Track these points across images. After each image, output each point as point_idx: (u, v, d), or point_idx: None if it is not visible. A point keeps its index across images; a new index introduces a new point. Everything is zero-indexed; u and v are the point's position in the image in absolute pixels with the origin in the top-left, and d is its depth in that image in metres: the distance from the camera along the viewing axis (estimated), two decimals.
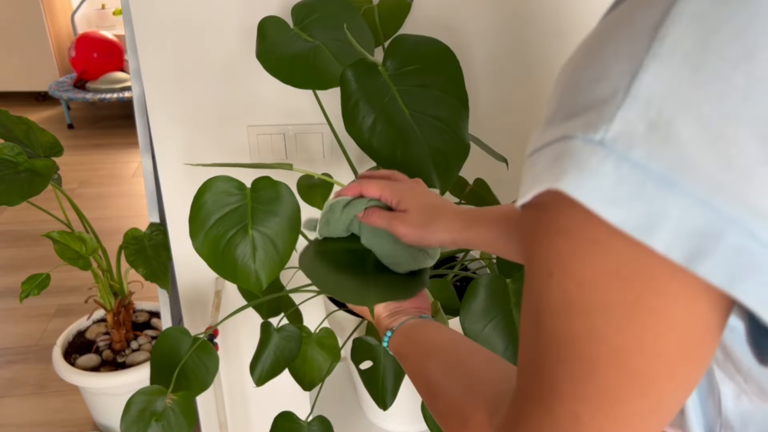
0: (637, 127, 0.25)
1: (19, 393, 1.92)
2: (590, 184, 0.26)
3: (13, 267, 2.53)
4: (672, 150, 0.25)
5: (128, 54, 1.16)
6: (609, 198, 0.26)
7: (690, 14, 0.26)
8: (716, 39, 0.25)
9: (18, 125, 1.31)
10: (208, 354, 0.92)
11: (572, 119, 0.27)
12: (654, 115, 0.25)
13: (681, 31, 0.26)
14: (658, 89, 0.25)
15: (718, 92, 0.25)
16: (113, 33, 3.87)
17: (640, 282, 0.27)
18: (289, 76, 0.84)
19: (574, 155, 0.27)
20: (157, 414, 0.85)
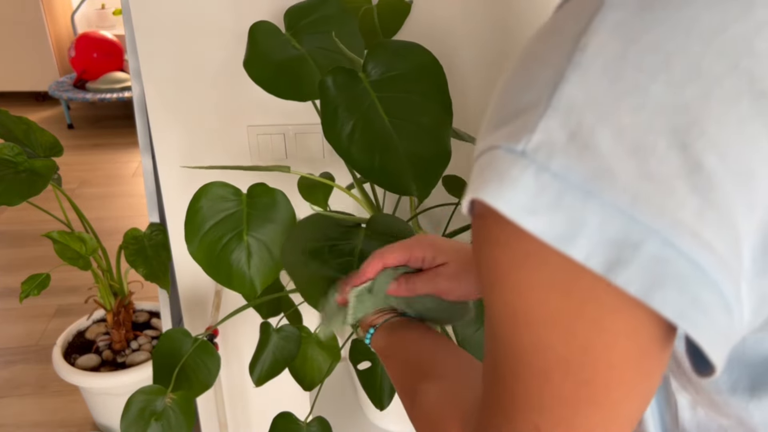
0: (558, 137, 0.25)
1: (19, 393, 1.92)
2: (510, 194, 0.26)
3: (13, 267, 2.53)
4: (591, 160, 0.25)
5: (128, 54, 1.16)
6: (529, 208, 0.26)
7: (611, 24, 0.26)
8: (635, 49, 0.25)
9: (18, 125, 1.31)
10: (210, 354, 0.92)
11: (499, 129, 0.27)
12: (574, 125, 0.25)
13: (601, 41, 0.26)
14: (578, 99, 0.25)
15: (637, 102, 0.25)
16: (113, 33, 3.87)
17: (579, 293, 0.27)
18: (273, 85, 0.84)
19: (496, 165, 0.27)
20: (157, 413, 0.85)
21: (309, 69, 0.85)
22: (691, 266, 0.25)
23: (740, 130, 0.24)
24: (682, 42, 0.24)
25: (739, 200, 0.25)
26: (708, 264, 0.25)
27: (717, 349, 0.27)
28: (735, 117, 0.24)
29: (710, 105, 0.24)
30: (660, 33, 0.25)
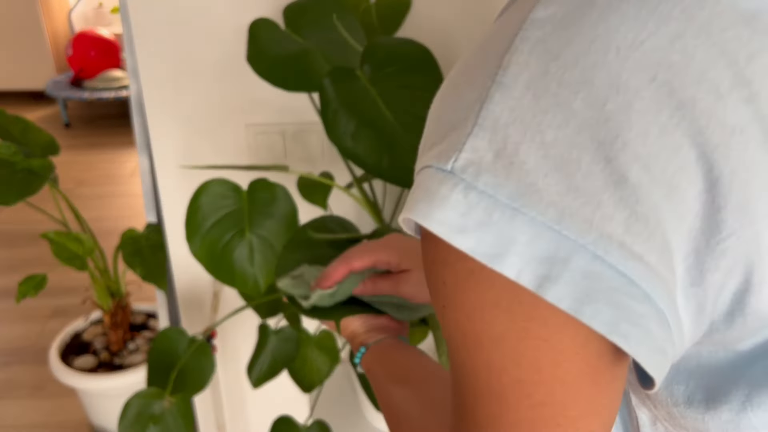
0: (485, 156, 0.26)
1: (16, 395, 1.91)
2: (439, 213, 0.26)
3: (10, 267, 2.52)
4: (518, 177, 0.25)
5: (125, 52, 1.15)
6: (458, 227, 0.26)
7: (532, 42, 0.26)
8: (556, 65, 0.25)
9: (14, 124, 1.30)
10: (204, 355, 0.91)
11: (432, 148, 0.28)
12: (500, 143, 0.26)
13: (523, 60, 0.26)
14: (503, 118, 0.26)
15: (560, 118, 0.25)
16: (110, 31, 3.86)
17: (522, 311, 0.27)
18: (279, 78, 0.83)
19: (427, 185, 0.27)
20: (155, 417, 0.84)
21: (316, 60, 0.84)
22: (620, 279, 0.25)
23: (662, 141, 0.25)
24: (600, 57, 0.25)
25: (666, 211, 0.25)
26: (638, 276, 0.25)
27: (654, 361, 0.27)
28: (656, 128, 0.25)
29: (631, 118, 0.25)
30: (579, 49, 0.25)
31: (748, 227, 0.26)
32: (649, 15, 0.25)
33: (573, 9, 0.26)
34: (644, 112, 0.25)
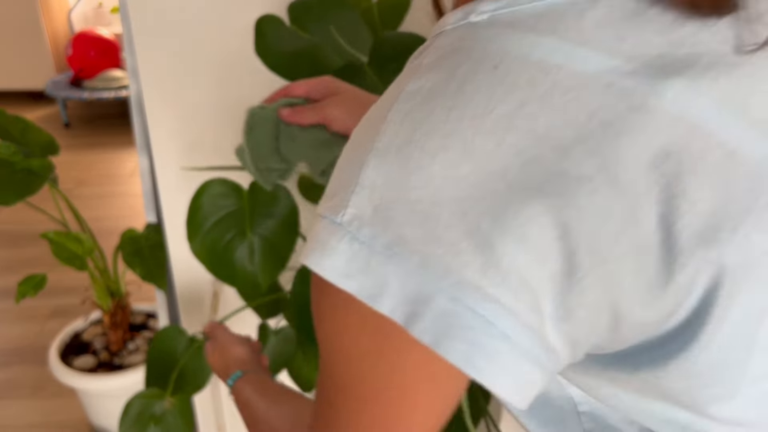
0: (365, 211, 0.30)
1: (15, 395, 1.91)
2: (329, 261, 0.31)
3: (9, 267, 2.52)
4: (391, 230, 0.29)
5: (125, 52, 1.15)
6: (344, 272, 0.30)
7: (402, 114, 0.30)
8: (419, 134, 0.29)
9: (14, 124, 1.30)
10: (203, 355, 0.91)
11: (328, 201, 0.32)
12: (377, 200, 0.30)
13: (394, 129, 0.30)
14: (378, 179, 0.30)
15: (423, 180, 0.29)
16: (110, 31, 3.86)
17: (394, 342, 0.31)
18: (291, 72, 0.84)
19: (320, 235, 0.31)
20: (155, 417, 0.84)
21: (327, 54, 0.85)
22: (477, 319, 0.29)
23: (510, 197, 0.28)
24: (456, 125, 0.28)
25: (521, 257, 0.28)
26: (493, 316, 0.29)
27: (511, 390, 0.30)
28: (504, 185, 0.28)
29: (484, 177, 0.28)
30: (438, 119, 0.29)
31: (602, 266, 0.29)
32: (498, 85, 0.28)
33: (437, 82, 0.30)
34: (494, 172, 0.28)
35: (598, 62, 0.28)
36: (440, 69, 0.30)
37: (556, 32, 0.29)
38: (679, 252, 0.29)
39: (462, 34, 0.31)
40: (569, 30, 0.29)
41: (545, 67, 0.28)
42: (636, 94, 0.28)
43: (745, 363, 0.31)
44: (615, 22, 0.29)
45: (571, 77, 0.28)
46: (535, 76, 0.28)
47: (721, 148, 0.28)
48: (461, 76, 0.29)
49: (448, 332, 0.29)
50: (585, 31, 0.29)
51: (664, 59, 0.29)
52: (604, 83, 0.28)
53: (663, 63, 0.28)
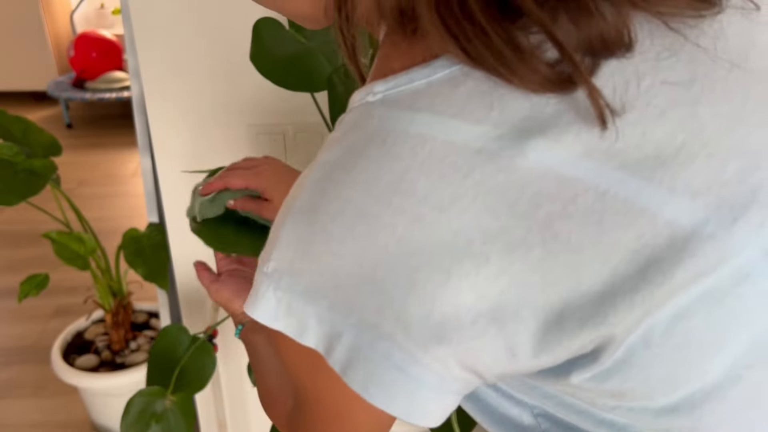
0: (283, 264, 0.35)
1: (18, 394, 1.92)
2: (261, 307, 0.36)
3: (12, 267, 2.53)
4: (303, 279, 0.34)
5: (127, 53, 1.15)
6: (273, 315, 0.36)
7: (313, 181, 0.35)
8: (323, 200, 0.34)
9: (16, 125, 1.30)
10: (206, 354, 0.91)
11: (263, 252, 0.37)
12: (292, 254, 0.34)
13: (306, 195, 0.35)
14: (292, 237, 0.35)
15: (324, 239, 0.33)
16: (112, 32, 3.86)
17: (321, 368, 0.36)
18: (282, 78, 0.84)
19: (255, 284, 0.37)
20: (157, 415, 0.84)
21: (319, 61, 0.85)
22: (374, 353, 0.34)
23: (399, 249, 0.32)
24: (351, 193, 0.33)
25: (411, 301, 0.32)
26: (386, 352, 0.33)
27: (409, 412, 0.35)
28: (395, 240, 0.32)
29: (375, 233, 0.32)
30: (338, 187, 0.33)
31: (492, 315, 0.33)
32: (385, 157, 0.33)
33: (340, 155, 0.34)
34: (383, 227, 0.32)
35: (468, 131, 0.32)
36: (342, 144, 0.35)
37: (432, 107, 0.33)
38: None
39: (361, 112, 0.35)
40: (443, 104, 0.33)
41: (422, 139, 0.32)
42: (503, 156, 0.31)
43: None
44: (483, 93, 0.32)
45: (445, 146, 0.32)
46: (415, 147, 0.32)
47: (591, 191, 0.31)
48: (356, 151, 0.34)
49: (352, 363, 0.34)
50: (456, 104, 0.32)
51: (528, 122, 0.32)
52: (474, 149, 0.32)
53: (527, 125, 0.32)
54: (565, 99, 0.32)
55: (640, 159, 0.32)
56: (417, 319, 0.32)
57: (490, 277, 0.31)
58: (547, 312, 0.32)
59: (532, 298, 0.32)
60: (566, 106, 0.32)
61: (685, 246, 0.31)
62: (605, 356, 0.33)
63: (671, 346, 0.33)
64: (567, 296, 0.32)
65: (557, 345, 0.32)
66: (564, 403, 0.39)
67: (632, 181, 0.31)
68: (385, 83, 0.35)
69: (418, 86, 0.34)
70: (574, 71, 0.31)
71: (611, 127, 0.32)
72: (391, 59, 0.36)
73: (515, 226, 0.31)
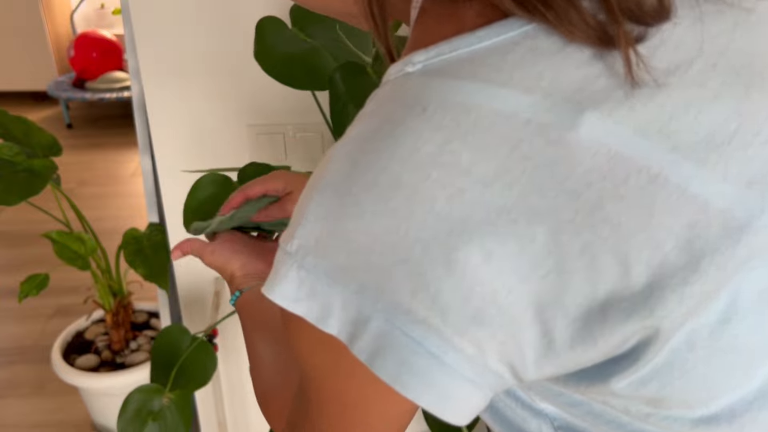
0: (309, 242, 0.32)
1: (18, 393, 1.92)
2: (279, 288, 0.33)
3: (12, 267, 2.53)
4: (330, 258, 0.32)
5: (127, 53, 1.15)
6: (293, 297, 0.33)
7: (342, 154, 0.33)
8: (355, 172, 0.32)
9: (16, 125, 1.31)
10: (206, 353, 0.92)
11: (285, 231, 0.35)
12: (318, 232, 0.32)
13: (335, 168, 0.33)
14: (319, 213, 0.32)
15: (356, 213, 0.31)
16: (112, 32, 3.87)
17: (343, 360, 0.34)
18: (286, 76, 0.84)
19: (275, 264, 0.34)
20: (153, 413, 0.85)
21: (323, 59, 0.85)
22: (406, 339, 0.31)
23: (438, 226, 0.30)
24: (386, 164, 0.31)
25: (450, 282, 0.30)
26: (421, 337, 0.31)
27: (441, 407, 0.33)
28: (433, 215, 0.30)
29: (412, 207, 0.30)
30: (372, 158, 0.31)
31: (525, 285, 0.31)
32: (425, 127, 0.31)
33: (374, 127, 0.33)
34: (421, 201, 0.30)
35: (516, 100, 0.30)
36: (377, 115, 0.33)
37: (477, 76, 0.31)
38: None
39: (398, 83, 0.34)
40: (490, 73, 0.31)
41: (467, 108, 0.30)
42: (552, 128, 0.30)
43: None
44: (534, 62, 0.31)
45: (491, 115, 0.30)
46: (458, 116, 0.30)
47: (644, 172, 0.30)
48: (393, 120, 0.32)
49: (381, 351, 0.32)
50: (505, 73, 0.31)
51: (581, 93, 0.30)
52: (522, 120, 0.30)
53: (580, 97, 0.30)
54: (616, 72, 0.31)
55: (693, 143, 0.31)
56: (455, 301, 0.30)
57: (534, 259, 0.30)
58: (591, 300, 0.30)
59: (575, 285, 0.30)
60: (619, 80, 0.31)
61: (739, 237, 0.30)
62: (647, 356, 0.31)
63: (717, 349, 0.32)
64: (613, 284, 0.30)
65: (598, 336, 0.31)
66: (593, 412, 0.37)
67: (685, 164, 0.30)
68: (425, 52, 0.33)
69: (463, 54, 0.32)
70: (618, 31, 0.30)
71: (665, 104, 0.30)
72: (431, 30, 0.35)
73: (563, 206, 0.29)
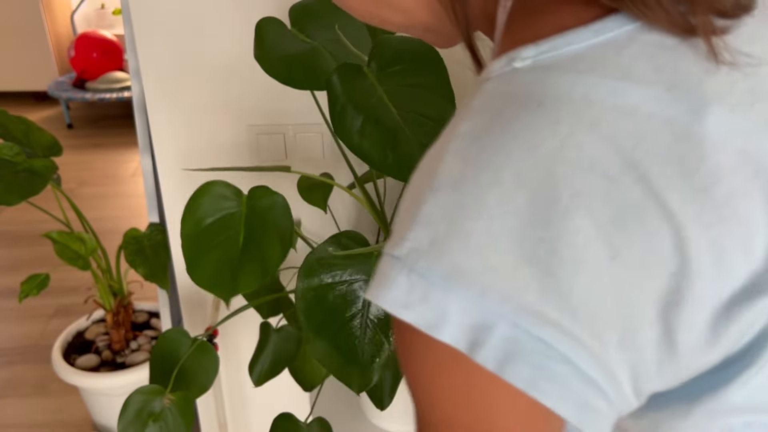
0: (422, 244, 0.31)
1: (19, 393, 1.92)
2: (388, 293, 0.32)
3: (12, 267, 2.53)
4: (447, 260, 0.30)
5: (128, 54, 1.16)
6: (404, 303, 0.31)
7: (454, 152, 0.32)
8: (472, 169, 0.31)
9: (17, 125, 1.31)
10: (208, 355, 0.91)
11: (390, 240, 0.34)
12: (433, 234, 0.31)
13: (448, 168, 0.32)
14: (434, 214, 0.31)
15: (476, 213, 0.30)
16: (113, 33, 3.87)
17: (462, 371, 0.31)
18: (287, 76, 0.84)
19: (382, 268, 0.33)
20: (154, 414, 0.84)
21: (324, 59, 0.85)
22: (537, 343, 0.29)
23: (564, 224, 0.29)
24: (506, 160, 0.30)
25: (580, 280, 0.29)
26: (553, 340, 0.29)
27: (579, 415, 0.30)
28: (558, 214, 0.29)
29: (536, 205, 0.29)
30: (489, 155, 0.30)
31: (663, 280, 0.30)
32: (543, 121, 0.30)
33: (486, 123, 0.32)
34: (546, 200, 0.29)
35: (638, 94, 0.30)
36: (488, 111, 0.32)
37: (596, 70, 0.31)
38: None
39: (507, 78, 0.33)
40: (608, 67, 0.31)
41: (588, 101, 0.30)
42: (677, 122, 0.29)
43: None
44: (652, 55, 0.31)
45: (614, 109, 0.30)
46: (579, 110, 0.30)
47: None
48: (508, 116, 0.31)
49: (511, 357, 0.30)
50: (623, 67, 0.31)
51: (702, 86, 0.30)
52: (645, 114, 0.29)
53: (702, 91, 0.30)
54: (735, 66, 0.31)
55: None
56: (585, 301, 0.29)
57: (660, 257, 0.29)
58: (716, 296, 0.30)
59: (702, 282, 0.29)
60: (739, 74, 0.31)
61: None
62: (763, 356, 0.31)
63: None
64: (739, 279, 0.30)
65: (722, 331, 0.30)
66: None
67: None
68: (535, 48, 0.33)
69: (578, 49, 0.32)
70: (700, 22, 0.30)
71: None
72: (533, 25, 0.34)
73: (691, 202, 0.29)
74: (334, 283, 0.75)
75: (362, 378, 0.72)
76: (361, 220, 1.21)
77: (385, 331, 0.73)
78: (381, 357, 0.73)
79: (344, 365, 0.72)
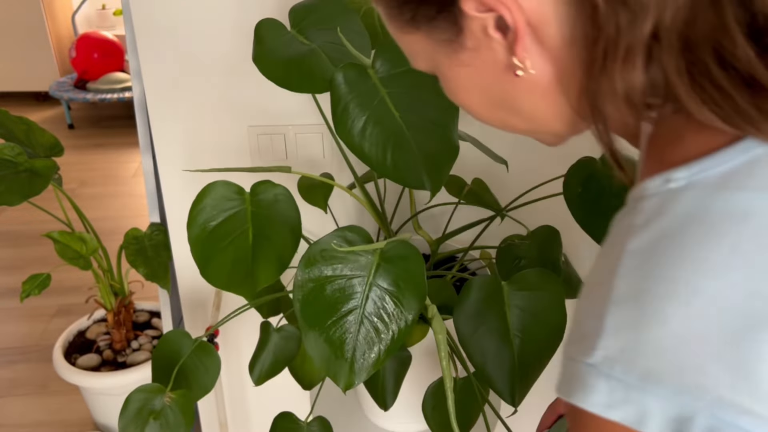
0: (613, 352, 0.36)
1: (20, 393, 1.92)
2: (592, 397, 0.36)
3: (14, 267, 2.54)
4: (640, 364, 0.35)
5: (129, 54, 1.16)
6: (607, 404, 0.36)
7: (629, 269, 0.36)
8: (649, 283, 0.35)
9: (18, 125, 1.31)
10: (209, 356, 0.92)
11: (575, 344, 0.38)
12: (622, 342, 0.35)
13: (627, 281, 0.36)
14: (621, 324, 0.36)
15: (660, 320, 0.34)
16: (114, 33, 3.87)
17: None
18: (284, 79, 0.84)
19: (578, 376, 0.37)
20: (155, 412, 0.85)
21: (321, 61, 0.85)
22: (737, 430, 0.33)
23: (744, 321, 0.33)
24: (678, 273, 0.34)
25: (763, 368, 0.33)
26: (752, 426, 0.33)
27: None
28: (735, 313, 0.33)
29: (715, 309, 0.33)
30: (663, 269, 0.35)
31: None
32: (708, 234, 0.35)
33: (654, 240, 0.36)
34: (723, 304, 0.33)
35: None
36: (653, 229, 0.37)
37: (747, 185, 0.35)
38: None
39: (665, 198, 0.37)
40: (757, 181, 0.35)
41: (745, 214, 0.34)
42: None
43: None
44: None
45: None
46: (739, 223, 0.34)
47: None
48: (675, 233, 0.36)
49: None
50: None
51: None
52: None
53: None
54: None
55: None
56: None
57: None
58: None
59: None
60: None
61: None
62: None
63: None
64: None
65: None
66: None
67: None
68: (687, 169, 0.37)
69: (728, 168, 0.36)
70: None
71: None
72: (677, 148, 0.39)
73: None
74: (334, 276, 0.75)
75: (349, 375, 0.72)
76: (361, 220, 1.22)
77: (379, 332, 0.73)
78: (371, 356, 0.73)
79: (333, 359, 0.72)
